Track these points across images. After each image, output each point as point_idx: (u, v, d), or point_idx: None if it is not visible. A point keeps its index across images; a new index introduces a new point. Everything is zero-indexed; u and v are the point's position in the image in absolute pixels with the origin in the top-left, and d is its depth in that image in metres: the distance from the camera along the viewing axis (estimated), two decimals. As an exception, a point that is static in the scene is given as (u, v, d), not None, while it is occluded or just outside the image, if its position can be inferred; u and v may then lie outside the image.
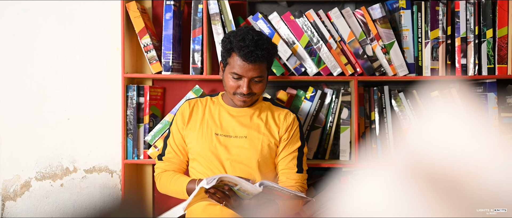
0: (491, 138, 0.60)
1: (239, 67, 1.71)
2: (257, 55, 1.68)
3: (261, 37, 1.72)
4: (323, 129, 2.18)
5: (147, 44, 2.09)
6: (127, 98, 2.11)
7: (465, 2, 2.09)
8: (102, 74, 2.25)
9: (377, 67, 2.11)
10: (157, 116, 2.20)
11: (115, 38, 2.23)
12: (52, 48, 2.25)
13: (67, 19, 2.25)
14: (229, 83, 1.75)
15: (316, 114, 2.16)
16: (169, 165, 1.84)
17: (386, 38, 2.10)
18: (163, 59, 2.08)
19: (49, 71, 2.25)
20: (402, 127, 2.13)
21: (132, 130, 2.11)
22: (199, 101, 1.89)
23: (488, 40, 2.08)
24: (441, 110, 0.63)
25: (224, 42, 1.76)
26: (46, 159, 2.26)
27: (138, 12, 2.08)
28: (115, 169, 2.27)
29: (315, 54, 2.09)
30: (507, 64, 2.08)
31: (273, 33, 2.08)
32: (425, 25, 2.10)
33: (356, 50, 2.09)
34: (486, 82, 2.09)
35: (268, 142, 1.81)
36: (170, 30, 2.08)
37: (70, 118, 2.26)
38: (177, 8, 2.11)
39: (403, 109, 2.13)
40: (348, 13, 2.10)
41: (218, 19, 2.06)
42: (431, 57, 2.09)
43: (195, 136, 1.80)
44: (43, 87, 2.25)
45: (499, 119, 2.09)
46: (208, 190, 1.56)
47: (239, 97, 1.76)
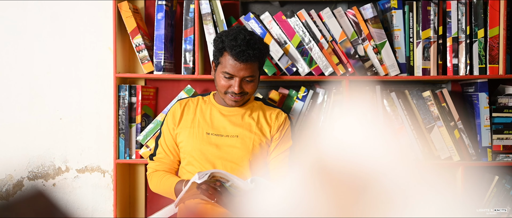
0: (397, 138, 0.61)
1: (230, 66, 1.72)
2: (248, 54, 1.69)
3: (253, 37, 1.73)
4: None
5: (139, 44, 2.10)
6: (119, 98, 2.11)
7: (457, 2, 2.09)
8: (94, 74, 2.26)
9: (369, 67, 2.11)
10: (149, 116, 2.20)
11: (108, 38, 2.23)
12: (44, 47, 2.25)
13: (59, 18, 2.25)
14: (220, 82, 1.76)
15: (308, 114, 2.17)
16: (160, 165, 1.85)
17: (377, 38, 2.10)
18: (154, 59, 2.09)
19: (41, 71, 2.25)
20: (394, 127, 2.14)
21: (124, 129, 2.11)
22: (191, 101, 1.89)
23: (480, 40, 2.09)
24: (349, 112, 0.64)
25: (216, 42, 1.77)
26: (39, 158, 2.26)
27: (130, 12, 2.09)
28: (107, 168, 2.27)
29: (307, 54, 2.10)
30: (498, 64, 2.09)
31: (265, 33, 2.08)
32: (417, 25, 2.10)
33: (347, 50, 2.10)
34: (478, 82, 2.10)
35: (260, 141, 1.81)
36: (162, 30, 2.08)
37: (62, 118, 2.26)
38: (169, 8, 2.12)
39: (394, 109, 2.14)
40: (340, 13, 2.10)
41: (209, 19, 2.07)
42: (423, 57, 2.10)
43: (186, 136, 1.80)
44: (35, 87, 2.26)
45: (490, 119, 2.10)
46: (200, 186, 1.57)
47: (231, 96, 1.77)
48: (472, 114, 2.14)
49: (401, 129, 2.13)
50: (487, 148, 2.09)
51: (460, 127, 2.09)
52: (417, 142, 2.11)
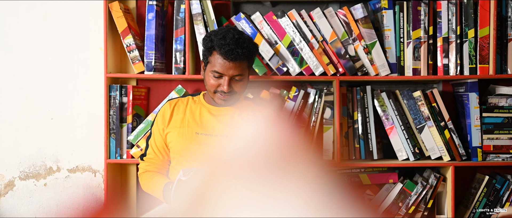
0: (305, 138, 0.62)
1: (219, 65, 1.72)
2: (237, 53, 1.70)
3: (242, 36, 1.74)
4: (306, 129, 2.18)
5: (129, 44, 2.10)
6: (110, 98, 2.12)
7: (447, 2, 2.10)
8: (86, 74, 2.26)
9: (359, 67, 2.12)
10: (141, 116, 2.20)
11: (99, 38, 2.23)
12: (35, 47, 2.26)
13: (50, 18, 2.25)
14: (210, 81, 1.77)
15: (299, 113, 2.17)
16: (150, 165, 1.85)
17: (368, 38, 2.10)
18: (145, 59, 2.09)
19: (32, 71, 2.26)
20: (385, 127, 2.14)
21: (115, 129, 2.11)
22: (181, 101, 1.90)
23: (470, 40, 2.09)
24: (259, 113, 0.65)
25: (205, 41, 1.77)
26: (30, 158, 2.26)
27: (121, 12, 2.09)
28: (98, 168, 2.27)
29: (298, 54, 2.10)
30: (488, 64, 2.09)
31: (255, 33, 2.09)
32: (407, 25, 2.11)
33: (338, 50, 2.10)
34: (468, 82, 2.10)
35: (249, 141, 1.82)
36: (152, 30, 2.08)
37: (53, 118, 2.26)
38: (160, 8, 2.12)
39: (385, 109, 2.14)
40: (331, 13, 2.10)
41: (200, 19, 2.07)
42: (413, 57, 2.10)
43: (176, 136, 1.81)
44: (26, 87, 2.26)
45: (480, 119, 2.10)
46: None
47: (220, 95, 1.77)
48: (463, 114, 2.15)
49: (391, 129, 2.13)
50: (478, 148, 2.09)
51: (451, 127, 2.10)
52: (408, 142, 2.12)
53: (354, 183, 2.15)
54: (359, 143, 2.16)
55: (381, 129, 2.21)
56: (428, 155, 2.13)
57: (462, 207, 2.21)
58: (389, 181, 2.14)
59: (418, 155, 2.12)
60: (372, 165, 2.12)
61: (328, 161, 2.13)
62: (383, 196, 2.13)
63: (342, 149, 2.16)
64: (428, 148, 2.11)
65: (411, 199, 2.05)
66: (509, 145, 2.11)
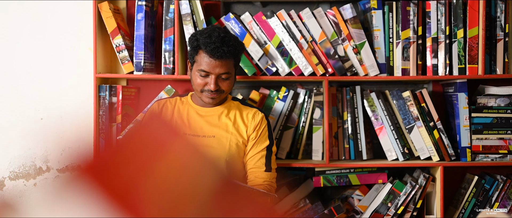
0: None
1: (206, 63, 1.74)
2: (223, 51, 1.71)
3: (227, 35, 1.77)
4: (295, 129, 2.19)
5: (119, 44, 2.10)
6: (99, 98, 2.12)
7: (436, 2, 2.10)
8: (75, 74, 2.26)
9: (349, 67, 2.12)
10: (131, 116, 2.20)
11: (88, 38, 2.23)
12: (25, 47, 2.26)
13: (40, 19, 2.25)
14: (196, 81, 1.78)
15: (288, 114, 2.17)
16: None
17: (357, 38, 2.10)
18: (135, 59, 2.09)
19: (21, 71, 2.26)
20: (374, 127, 2.14)
21: (104, 129, 2.11)
22: (169, 101, 1.91)
23: (459, 40, 2.09)
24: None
25: (191, 41, 1.79)
26: (19, 158, 2.26)
27: (110, 12, 2.09)
28: (88, 169, 2.27)
29: (287, 54, 2.10)
30: (477, 64, 2.09)
31: (244, 33, 2.09)
32: (396, 25, 2.11)
33: (327, 50, 2.10)
34: (457, 82, 2.10)
35: (236, 141, 1.82)
36: (142, 30, 2.08)
37: (43, 118, 2.26)
38: (149, 9, 2.12)
39: (375, 109, 2.14)
40: (320, 13, 2.11)
41: (189, 19, 2.07)
42: (402, 57, 2.10)
43: (164, 136, 1.81)
44: (15, 87, 2.26)
45: (469, 119, 2.10)
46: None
47: (207, 94, 1.78)
48: (452, 114, 2.15)
49: (381, 129, 2.13)
50: (467, 148, 2.09)
51: (440, 128, 2.10)
52: (397, 142, 2.12)
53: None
54: (348, 143, 2.16)
55: (370, 129, 2.21)
56: (418, 155, 2.13)
57: (452, 207, 2.21)
58: (378, 182, 2.14)
59: (407, 155, 2.12)
60: (361, 165, 2.12)
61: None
62: (372, 196, 2.13)
63: (332, 150, 2.16)
64: (417, 148, 2.11)
65: (400, 199, 2.05)
66: (498, 145, 2.11)
